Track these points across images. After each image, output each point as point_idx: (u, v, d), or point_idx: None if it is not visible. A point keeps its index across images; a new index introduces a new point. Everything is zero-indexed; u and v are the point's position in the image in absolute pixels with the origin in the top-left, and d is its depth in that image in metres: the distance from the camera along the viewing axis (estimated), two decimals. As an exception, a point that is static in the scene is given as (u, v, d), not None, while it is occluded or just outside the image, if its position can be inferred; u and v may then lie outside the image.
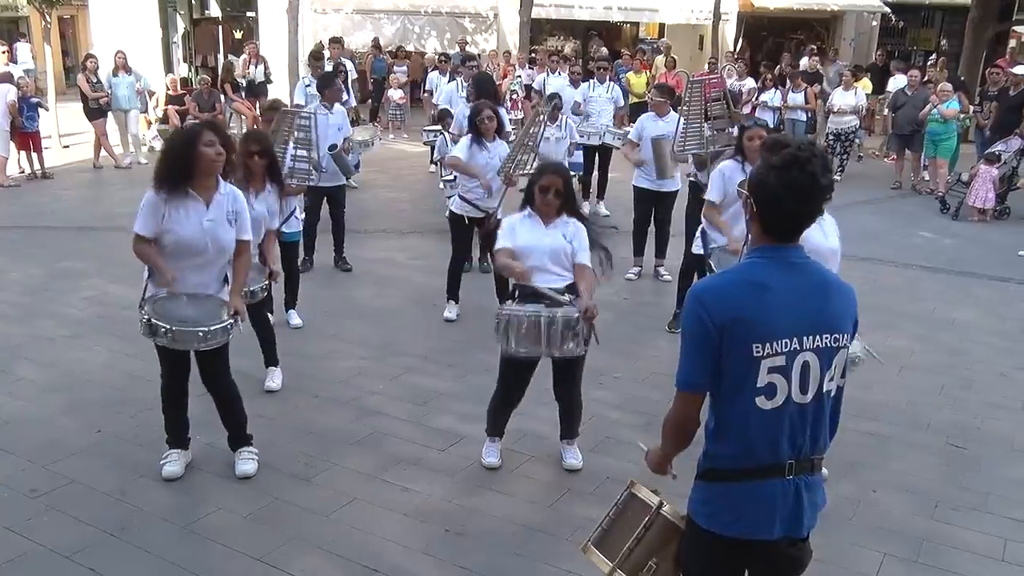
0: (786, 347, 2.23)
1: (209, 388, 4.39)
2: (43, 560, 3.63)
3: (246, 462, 4.38)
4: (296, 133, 6.39)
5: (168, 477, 4.25)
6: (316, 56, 11.43)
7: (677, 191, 7.75)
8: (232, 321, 4.06)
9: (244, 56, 15.47)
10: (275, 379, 5.41)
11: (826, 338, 2.27)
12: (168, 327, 3.91)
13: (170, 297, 4.04)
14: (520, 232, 4.47)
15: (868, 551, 3.81)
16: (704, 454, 2.38)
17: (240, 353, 4.67)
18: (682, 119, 6.94)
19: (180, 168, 3.98)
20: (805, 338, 2.25)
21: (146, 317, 3.94)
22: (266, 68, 15.16)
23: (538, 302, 4.27)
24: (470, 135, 6.72)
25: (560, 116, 8.90)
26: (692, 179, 7.02)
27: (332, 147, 7.53)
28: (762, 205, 2.28)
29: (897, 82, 14.14)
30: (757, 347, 2.22)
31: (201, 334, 3.98)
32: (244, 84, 15.06)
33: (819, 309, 2.28)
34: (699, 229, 5.92)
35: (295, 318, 6.52)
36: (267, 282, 5.05)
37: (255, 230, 4.54)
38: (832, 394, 2.34)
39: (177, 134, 4.39)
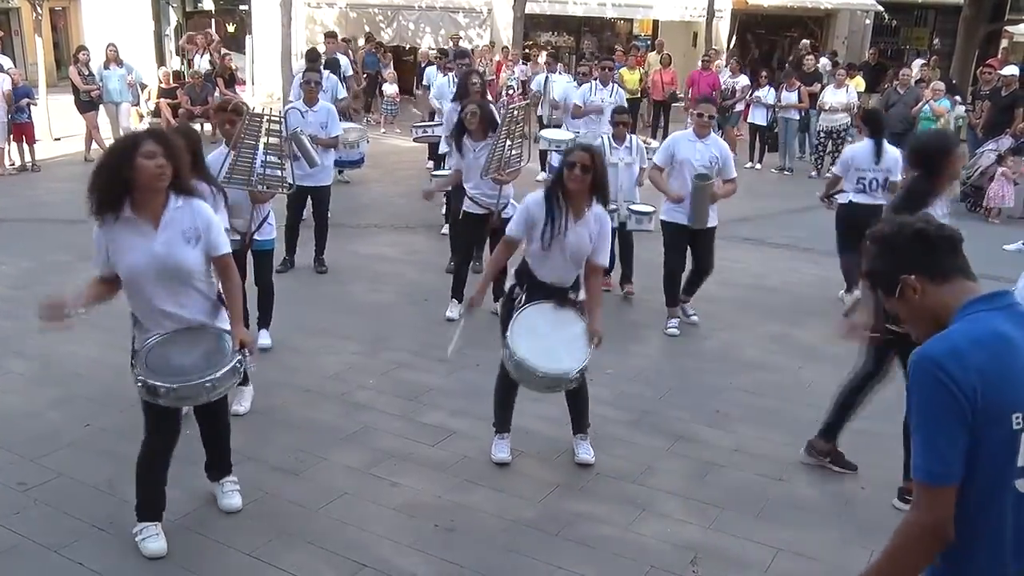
0: None
1: (200, 418, 3.91)
2: (31, 553, 3.62)
3: (232, 495, 4.00)
4: (267, 139, 5.59)
5: (154, 555, 3.59)
6: (312, 58, 11.28)
7: (716, 226, 6.46)
8: (240, 357, 3.53)
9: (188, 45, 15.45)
10: (243, 402, 4.92)
11: None
12: (170, 386, 3.39)
13: (161, 341, 3.53)
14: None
15: (857, 548, 3.82)
16: (935, 570, 1.96)
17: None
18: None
19: (115, 187, 3.37)
20: None
21: (140, 379, 3.42)
22: (212, 58, 15.02)
23: (545, 300, 4.35)
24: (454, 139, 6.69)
25: (627, 135, 7.07)
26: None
27: (300, 132, 6.99)
28: (916, 263, 2.05)
29: None
30: (1018, 417, 1.84)
31: (208, 384, 3.41)
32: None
33: None
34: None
35: (265, 338, 5.77)
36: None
37: None
38: None
39: (112, 146, 3.63)
